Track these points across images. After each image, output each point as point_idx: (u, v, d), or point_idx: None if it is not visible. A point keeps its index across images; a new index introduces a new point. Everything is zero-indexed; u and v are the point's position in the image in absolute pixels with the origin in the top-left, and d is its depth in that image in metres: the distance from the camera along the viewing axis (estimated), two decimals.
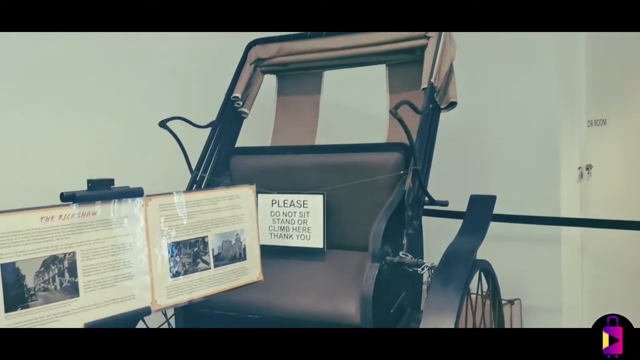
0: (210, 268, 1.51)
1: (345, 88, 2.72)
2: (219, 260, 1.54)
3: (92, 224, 1.27)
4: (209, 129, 2.24)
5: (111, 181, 1.31)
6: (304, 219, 2.00)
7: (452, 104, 2.04)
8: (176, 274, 1.43)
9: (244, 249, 1.61)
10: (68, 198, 1.24)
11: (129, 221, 1.34)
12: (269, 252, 2.00)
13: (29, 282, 1.16)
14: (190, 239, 1.47)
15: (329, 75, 2.39)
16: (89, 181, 1.29)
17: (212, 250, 1.52)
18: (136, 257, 1.34)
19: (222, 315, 1.90)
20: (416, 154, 1.84)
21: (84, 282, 1.25)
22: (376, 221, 1.80)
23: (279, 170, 2.14)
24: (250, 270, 1.63)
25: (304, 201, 2.00)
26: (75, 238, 1.24)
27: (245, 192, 1.63)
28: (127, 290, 1.32)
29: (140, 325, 1.85)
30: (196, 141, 2.18)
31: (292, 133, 2.44)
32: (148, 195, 1.38)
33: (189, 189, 2.01)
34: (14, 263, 1.14)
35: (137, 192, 1.35)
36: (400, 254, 1.74)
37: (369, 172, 1.97)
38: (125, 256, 1.33)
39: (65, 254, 1.22)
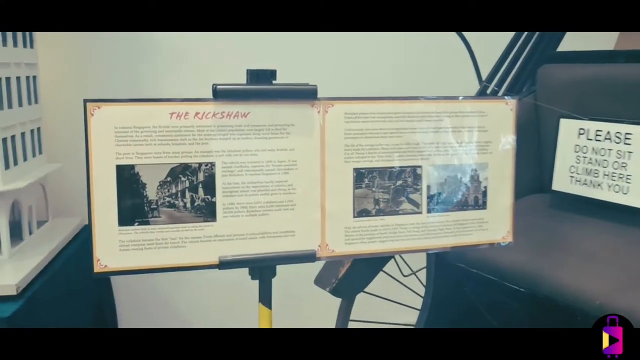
0: (420, 212, 1.05)
1: None
2: (437, 202, 1.06)
3: (242, 130, 0.95)
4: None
5: (272, 73, 0.95)
6: (622, 161, 1.31)
7: None
8: (363, 213, 1.02)
9: (484, 193, 1.08)
10: (216, 93, 0.93)
11: (296, 131, 0.97)
12: (566, 203, 1.41)
13: (151, 193, 0.92)
14: (391, 167, 1.03)
15: None
16: (248, 72, 0.96)
17: (427, 187, 1.05)
18: (303, 181, 0.98)
19: (479, 276, 1.42)
20: None
21: (224, 204, 0.95)
22: None
23: (602, 84, 1.45)
24: (492, 225, 1.09)
25: (625, 134, 1.31)
26: (216, 145, 0.94)
27: (497, 108, 1.07)
28: (284, 223, 0.98)
29: None
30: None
31: None
32: (328, 98, 0.98)
33: None
34: (132, 166, 0.91)
35: (308, 92, 0.96)
36: None
37: None
38: (287, 178, 0.97)
39: (200, 164, 0.94)
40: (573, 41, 1.71)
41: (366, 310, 1.77)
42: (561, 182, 1.45)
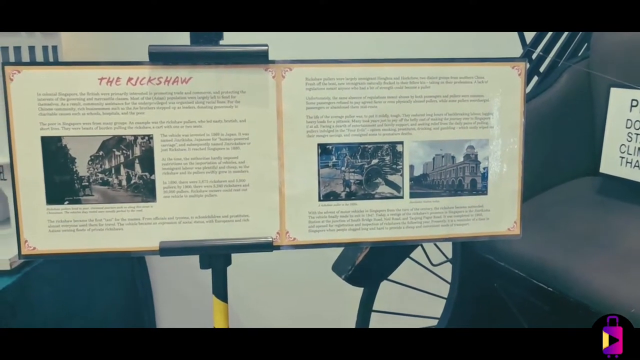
0: (401, 197, 0.88)
1: None
2: (423, 185, 0.89)
3: (183, 98, 0.83)
4: None
5: (218, 35, 0.82)
6: None
7: None
8: (330, 196, 0.87)
9: (483, 176, 0.90)
10: (151, 55, 0.82)
11: (247, 99, 0.84)
12: (615, 188, 1.20)
13: (81, 168, 0.83)
14: (364, 143, 0.87)
15: None
16: (192, 35, 0.83)
17: (410, 167, 0.88)
18: (256, 158, 0.85)
19: (508, 271, 1.23)
20: None
21: (165, 182, 0.84)
22: None
23: None
24: (494, 214, 0.91)
25: None
26: (153, 115, 0.82)
27: (500, 73, 0.88)
28: (236, 206, 0.85)
29: None
30: None
31: None
32: (285, 61, 0.84)
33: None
34: (59, 138, 0.82)
35: (257, 54, 0.82)
36: None
37: None
38: (238, 154, 0.84)
39: (136, 137, 0.83)
40: None
41: (392, 300, 1.62)
42: (610, 163, 1.22)
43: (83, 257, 0.84)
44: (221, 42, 0.82)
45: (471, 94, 0.87)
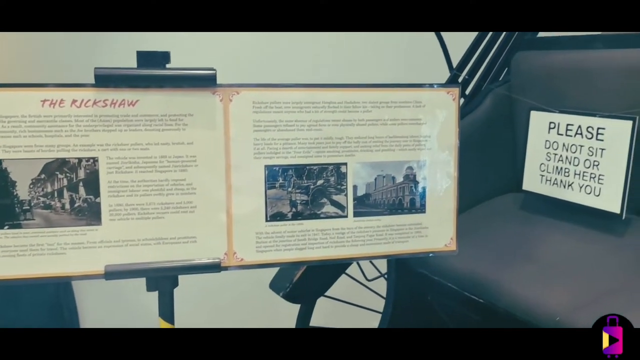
0: (345, 216, 0.92)
1: None
2: (366, 205, 0.92)
3: (129, 120, 0.82)
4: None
5: (165, 55, 0.82)
6: (594, 159, 1.17)
7: None
8: (277, 217, 0.89)
9: (422, 195, 0.95)
10: (96, 77, 0.81)
11: (194, 122, 0.84)
12: (536, 204, 1.29)
13: (22, 192, 0.80)
14: (310, 165, 0.89)
15: None
16: (138, 54, 0.83)
17: (354, 187, 0.92)
18: (204, 180, 0.86)
19: (441, 285, 1.29)
20: None
21: (111, 205, 0.83)
22: None
23: (578, 72, 1.30)
24: (433, 232, 0.96)
25: (598, 129, 1.16)
26: (98, 137, 0.82)
27: (436, 98, 0.93)
28: (184, 228, 0.86)
29: None
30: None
31: None
32: (232, 85, 0.85)
33: None
34: None
35: (205, 78, 0.83)
36: None
37: None
38: (185, 176, 0.85)
39: (80, 160, 0.82)
40: None
41: (329, 316, 1.65)
42: (532, 181, 1.31)
43: (23, 283, 0.82)
44: (168, 65, 0.83)
45: (409, 117, 0.92)
